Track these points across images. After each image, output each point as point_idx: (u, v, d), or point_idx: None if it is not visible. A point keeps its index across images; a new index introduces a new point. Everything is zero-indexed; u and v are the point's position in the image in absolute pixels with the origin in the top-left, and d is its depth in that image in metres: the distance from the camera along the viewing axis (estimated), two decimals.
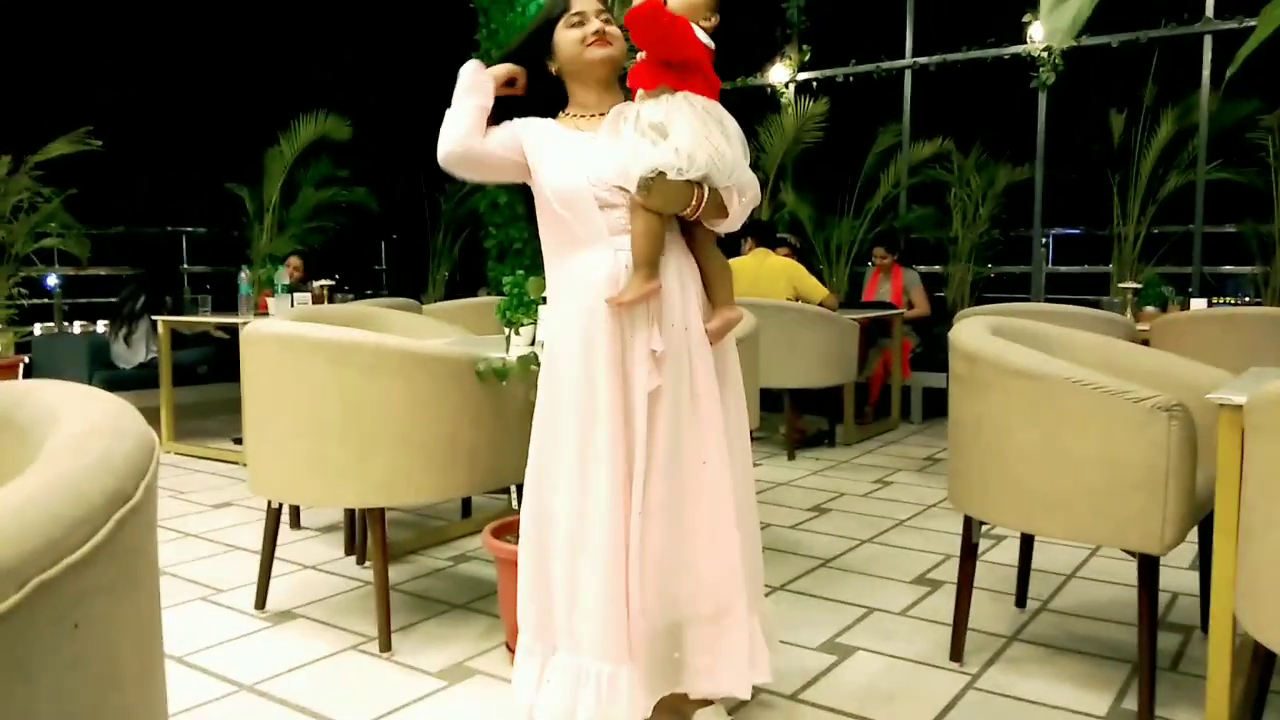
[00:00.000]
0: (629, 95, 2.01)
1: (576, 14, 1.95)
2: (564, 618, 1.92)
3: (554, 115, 2.03)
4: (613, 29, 1.95)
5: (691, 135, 1.83)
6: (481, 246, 7.21)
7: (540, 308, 2.98)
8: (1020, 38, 6.75)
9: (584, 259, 1.91)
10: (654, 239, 1.87)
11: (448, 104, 2.03)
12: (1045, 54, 6.54)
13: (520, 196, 7.43)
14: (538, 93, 2.02)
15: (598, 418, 1.87)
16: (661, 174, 1.82)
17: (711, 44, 1.93)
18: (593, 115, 1.98)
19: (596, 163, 1.89)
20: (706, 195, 1.87)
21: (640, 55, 1.93)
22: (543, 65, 2.02)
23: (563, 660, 1.92)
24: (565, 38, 1.96)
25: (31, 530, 0.73)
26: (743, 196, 1.93)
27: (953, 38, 7.09)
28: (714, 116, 1.89)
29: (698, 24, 1.91)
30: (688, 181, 1.84)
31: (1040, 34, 6.52)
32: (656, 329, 1.88)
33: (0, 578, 0.69)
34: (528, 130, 1.97)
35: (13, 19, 6.63)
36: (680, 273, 1.93)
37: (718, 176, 1.86)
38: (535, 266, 2.19)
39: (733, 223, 1.97)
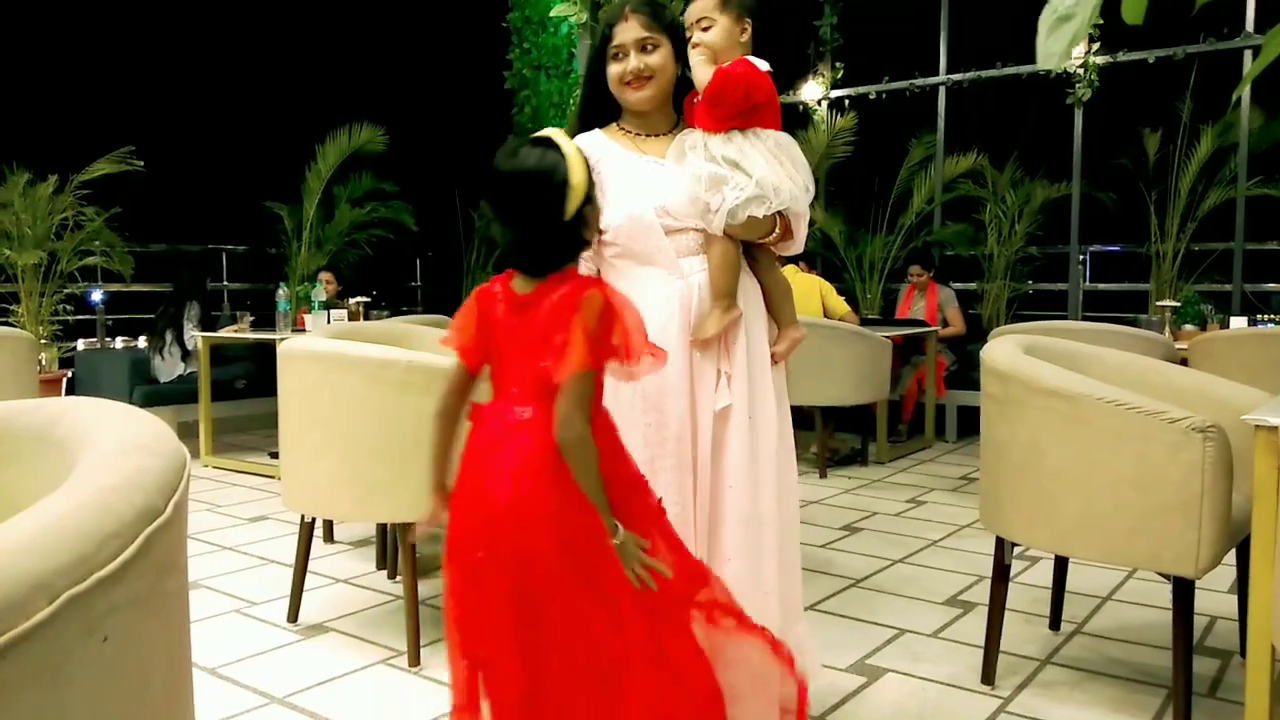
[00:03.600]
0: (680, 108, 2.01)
1: (616, 47, 1.90)
2: None
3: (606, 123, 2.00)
4: (653, 59, 1.89)
5: (769, 169, 1.85)
6: None
7: None
8: None
9: (648, 279, 1.89)
10: (732, 269, 1.89)
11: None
12: (1081, 70, 6.49)
13: None
14: (602, 101, 1.98)
15: (665, 442, 1.84)
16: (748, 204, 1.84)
17: (765, 65, 1.91)
18: (649, 135, 1.97)
19: (664, 189, 1.87)
20: (785, 224, 1.91)
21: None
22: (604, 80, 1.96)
23: None
24: (609, 72, 1.92)
25: (63, 545, 0.75)
26: (804, 220, 1.96)
27: (986, 54, 7.06)
28: (782, 147, 1.90)
29: (740, 42, 1.91)
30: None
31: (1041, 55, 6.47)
32: (724, 350, 1.88)
33: (32, 590, 0.71)
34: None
35: (57, 44, 6.81)
36: (745, 293, 1.93)
37: (795, 203, 1.89)
38: None
39: (798, 246, 1.99)
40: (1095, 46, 6.43)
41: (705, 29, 1.90)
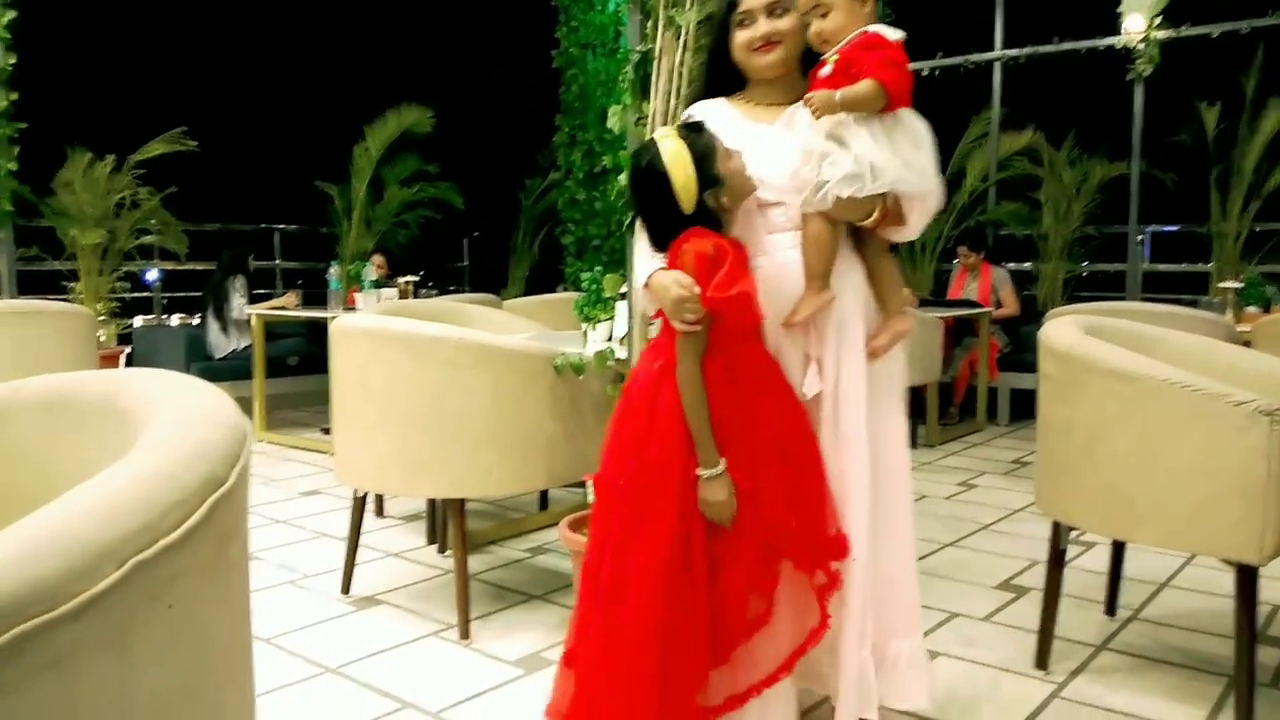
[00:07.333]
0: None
1: (744, 12, 1.82)
2: None
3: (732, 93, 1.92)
4: (782, 23, 1.80)
5: (875, 147, 1.71)
6: (560, 243, 7.27)
7: (618, 304, 3.00)
8: (1114, 28, 6.52)
9: None
10: (825, 250, 1.77)
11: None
12: (1142, 45, 6.31)
13: (598, 194, 7.41)
14: (723, 73, 1.90)
15: None
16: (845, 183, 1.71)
17: (897, 34, 1.77)
18: (772, 104, 1.87)
19: (766, 160, 1.78)
20: (889, 206, 1.76)
21: (825, 70, 1.76)
22: (726, 51, 1.88)
23: None
24: (736, 39, 1.84)
25: (130, 512, 0.76)
26: (924, 205, 1.81)
27: (1044, 29, 6.88)
28: (900, 124, 1.75)
29: (865, 14, 1.77)
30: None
31: (1134, 24, 6.29)
32: (814, 333, 1.79)
33: (100, 556, 0.72)
34: None
35: (113, 27, 6.92)
36: (840, 276, 1.80)
37: (906, 186, 1.75)
38: (613, 263, 2.19)
39: (911, 232, 1.84)
40: (1158, 20, 6.24)
41: (823, 15, 1.76)
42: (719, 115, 1.87)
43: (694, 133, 1.70)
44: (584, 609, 1.80)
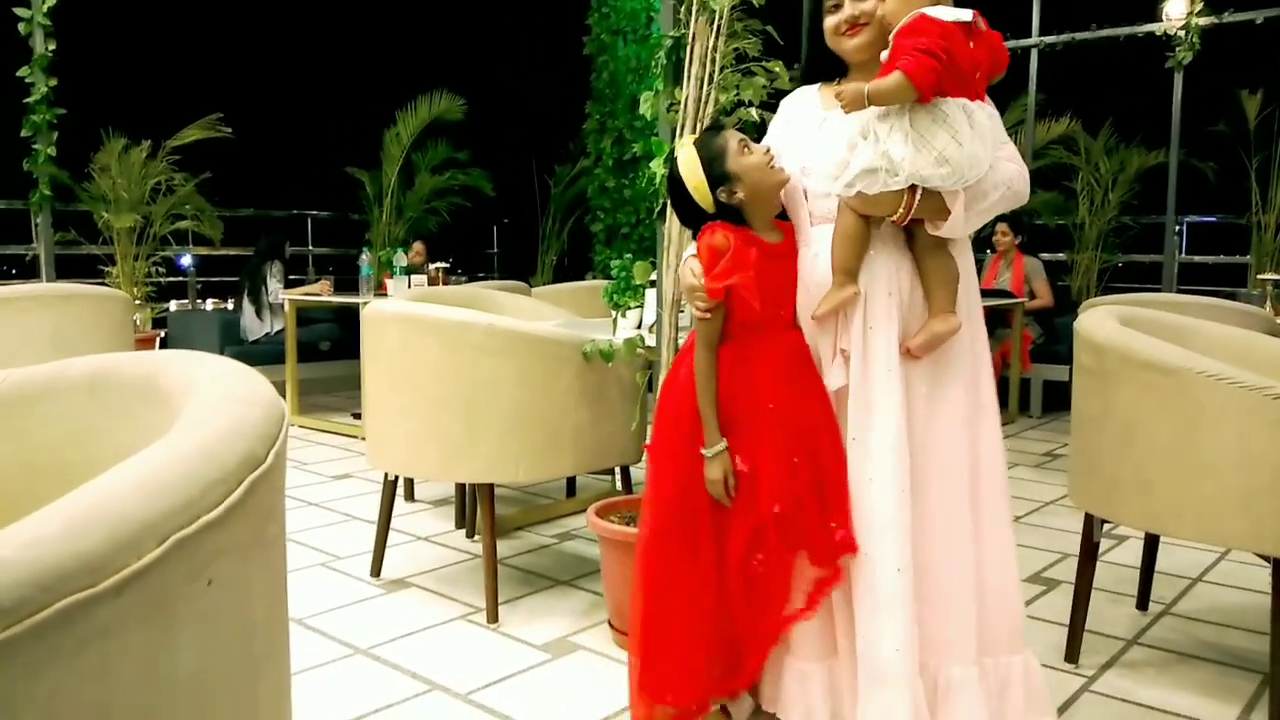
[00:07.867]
0: None
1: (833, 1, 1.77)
2: None
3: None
4: (867, 4, 1.72)
5: (899, 141, 1.61)
6: (589, 230, 7.26)
7: (648, 291, 3.00)
8: (1154, 15, 6.41)
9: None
10: (849, 243, 1.69)
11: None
12: (1182, 32, 6.20)
13: (628, 181, 7.35)
14: (823, 59, 1.86)
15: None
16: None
17: (955, 14, 1.65)
18: None
19: (817, 149, 1.76)
20: (917, 202, 1.64)
21: (883, 56, 1.67)
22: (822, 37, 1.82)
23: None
24: (825, 25, 1.79)
25: (171, 490, 0.77)
26: (981, 201, 1.68)
27: (1081, 14, 6.78)
28: (939, 116, 1.62)
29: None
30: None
31: (1175, 10, 6.18)
32: (845, 329, 1.73)
33: (143, 533, 0.73)
34: (776, 127, 1.92)
35: (148, 15, 6.98)
36: (870, 271, 1.72)
37: (940, 182, 1.62)
38: (642, 251, 2.19)
39: (953, 228, 1.68)
40: (1199, 7, 6.13)
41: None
42: (803, 102, 1.89)
43: (712, 134, 1.80)
44: None
